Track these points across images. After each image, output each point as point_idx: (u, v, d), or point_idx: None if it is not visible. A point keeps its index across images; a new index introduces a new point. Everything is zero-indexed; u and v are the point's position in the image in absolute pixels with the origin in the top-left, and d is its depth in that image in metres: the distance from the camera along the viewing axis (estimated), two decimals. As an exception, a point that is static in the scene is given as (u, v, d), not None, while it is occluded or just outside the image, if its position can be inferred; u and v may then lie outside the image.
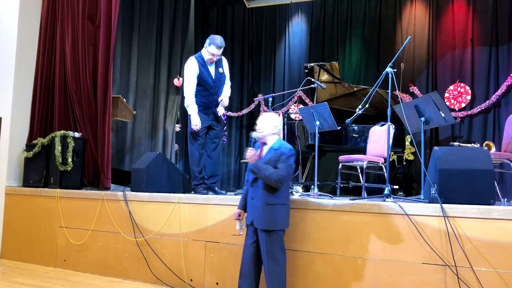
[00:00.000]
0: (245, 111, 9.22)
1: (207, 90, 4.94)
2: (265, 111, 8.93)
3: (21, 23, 6.28)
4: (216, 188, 5.07)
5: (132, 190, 5.21)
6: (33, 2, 6.43)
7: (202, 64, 4.91)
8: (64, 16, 6.27)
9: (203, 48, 4.91)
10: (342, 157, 5.51)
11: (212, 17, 9.69)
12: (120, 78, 7.26)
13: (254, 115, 9.24)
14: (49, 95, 6.33)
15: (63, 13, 6.30)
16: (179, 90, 7.97)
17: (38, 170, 5.94)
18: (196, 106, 4.87)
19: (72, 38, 6.16)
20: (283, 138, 6.31)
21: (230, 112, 9.19)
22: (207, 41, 4.84)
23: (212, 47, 4.82)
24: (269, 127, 3.63)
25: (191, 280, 4.50)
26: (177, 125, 8.05)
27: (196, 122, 4.81)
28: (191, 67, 4.87)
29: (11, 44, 6.26)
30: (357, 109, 4.41)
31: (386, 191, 4.00)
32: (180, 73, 8.05)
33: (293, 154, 3.57)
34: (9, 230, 5.93)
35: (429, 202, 3.69)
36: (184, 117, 8.39)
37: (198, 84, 4.89)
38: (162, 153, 7.44)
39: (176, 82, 7.93)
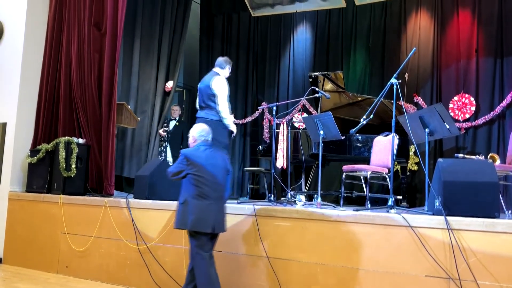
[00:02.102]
0: (249, 118, 9.22)
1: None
2: (268, 119, 8.94)
3: (28, 30, 6.33)
4: None
5: (135, 197, 5.22)
6: (39, 9, 6.48)
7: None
8: (71, 23, 6.31)
9: (224, 70, 5.25)
10: (346, 167, 5.50)
11: (217, 25, 9.72)
12: (122, 83, 7.27)
13: (258, 123, 9.24)
14: (54, 101, 6.36)
15: (69, 20, 6.34)
16: (168, 95, 7.96)
17: (41, 175, 5.95)
18: None
19: (78, 44, 6.19)
20: (287, 147, 6.30)
21: (234, 120, 9.19)
22: (227, 62, 5.27)
23: (230, 68, 5.30)
24: (189, 137, 4.07)
25: (193, 288, 4.47)
26: (162, 129, 7.97)
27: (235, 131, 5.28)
28: (226, 86, 5.18)
29: (17, 50, 6.31)
30: (362, 120, 4.41)
31: (390, 202, 3.99)
32: (174, 77, 8.04)
33: (180, 156, 3.88)
34: (12, 235, 5.93)
35: (433, 214, 3.68)
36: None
37: None
38: (151, 158, 7.43)
39: (165, 87, 7.92)
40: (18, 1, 6.38)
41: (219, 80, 5.10)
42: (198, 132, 4.00)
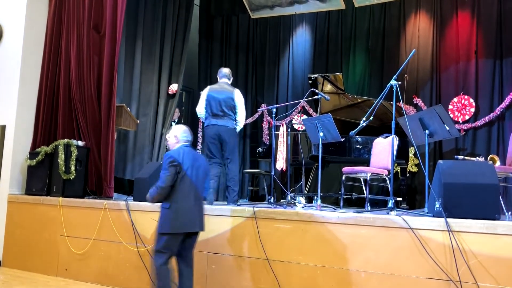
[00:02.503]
0: (248, 120, 9.21)
1: None
2: (268, 121, 8.94)
3: (27, 33, 6.32)
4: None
5: (134, 200, 5.21)
6: (39, 11, 6.47)
7: None
8: (70, 25, 6.31)
9: (230, 81, 5.66)
10: (346, 169, 5.49)
11: (217, 27, 9.72)
12: (124, 86, 7.26)
13: (257, 125, 9.24)
14: (53, 104, 6.35)
15: (68, 23, 6.33)
16: (173, 97, 7.94)
17: (41, 178, 5.93)
18: None
19: (77, 47, 6.19)
20: (287, 148, 6.29)
21: (234, 122, 9.20)
22: (231, 74, 5.70)
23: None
24: (171, 137, 3.96)
25: (193, 291, 4.46)
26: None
27: None
28: None
29: (16, 53, 6.30)
30: (361, 121, 4.41)
31: (390, 204, 3.98)
32: (178, 80, 8.04)
33: (168, 159, 3.73)
34: (11, 238, 5.91)
35: (434, 216, 3.67)
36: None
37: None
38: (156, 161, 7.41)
39: (169, 90, 7.89)
40: (17, 3, 6.38)
41: (239, 93, 5.55)
42: (181, 132, 3.94)
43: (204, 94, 5.55)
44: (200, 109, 5.55)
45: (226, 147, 5.42)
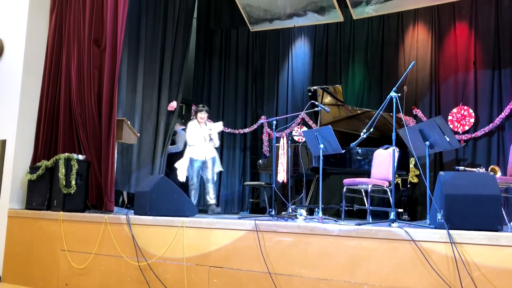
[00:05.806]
0: (248, 132, 9.26)
1: None
2: (268, 133, 8.96)
3: (28, 47, 6.34)
4: None
5: (135, 214, 5.19)
6: (39, 26, 6.51)
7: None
8: (70, 39, 6.34)
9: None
10: (346, 181, 5.48)
11: (216, 40, 9.78)
12: (126, 100, 7.27)
13: (257, 137, 9.26)
14: (54, 118, 6.35)
15: (69, 37, 6.36)
16: (172, 113, 8.01)
17: (41, 192, 5.91)
18: None
19: (77, 61, 6.21)
20: (287, 160, 6.29)
21: (235, 132, 9.27)
22: None
23: None
24: None
25: (194, 305, 4.43)
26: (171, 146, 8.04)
27: None
28: None
29: (17, 67, 6.31)
30: (362, 133, 4.42)
31: (392, 216, 3.97)
32: (177, 98, 8.10)
33: None
34: (11, 253, 5.88)
35: (436, 228, 3.66)
36: None
37: None
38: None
39: (169, 106, 7.97)
40: (18, 18, 6.42)
41: None
42: None
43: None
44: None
45: None
